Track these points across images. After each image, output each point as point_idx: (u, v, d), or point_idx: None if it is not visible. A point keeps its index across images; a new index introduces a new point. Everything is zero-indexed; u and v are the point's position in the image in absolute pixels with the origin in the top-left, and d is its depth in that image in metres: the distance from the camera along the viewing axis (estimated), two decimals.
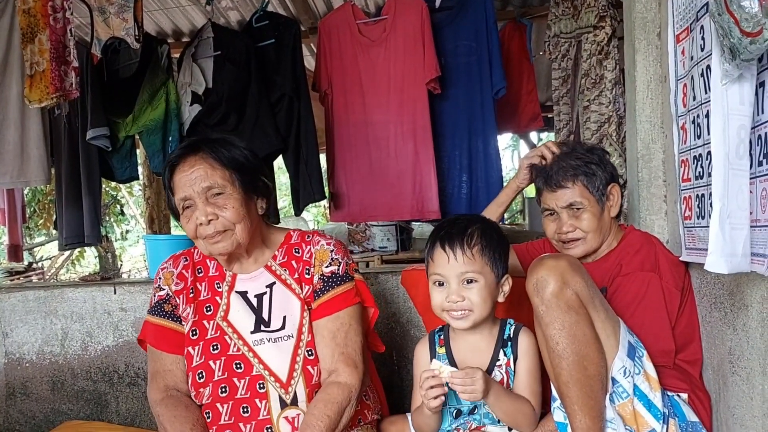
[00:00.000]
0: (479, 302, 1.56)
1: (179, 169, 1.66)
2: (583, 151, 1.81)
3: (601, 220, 1.79)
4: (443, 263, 1.57)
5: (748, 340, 1.44)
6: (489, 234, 1.60)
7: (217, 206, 1.63)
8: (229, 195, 1.64)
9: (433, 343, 1.71)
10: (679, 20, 1.65)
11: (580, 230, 1.78)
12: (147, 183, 5.62)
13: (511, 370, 1.63)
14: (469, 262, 1.55)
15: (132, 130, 3.20)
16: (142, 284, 2.77)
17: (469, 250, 1.56)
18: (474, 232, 1.58)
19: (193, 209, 1.64)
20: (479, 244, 1.57)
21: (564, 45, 3.19)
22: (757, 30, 1.03)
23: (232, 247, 1.67)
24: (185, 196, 1.64)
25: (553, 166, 1.81)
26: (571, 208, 1.78)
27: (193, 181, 1.63)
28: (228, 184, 1.65)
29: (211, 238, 1.65)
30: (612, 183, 1.80)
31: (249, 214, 1.68)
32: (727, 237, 1.22)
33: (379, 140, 3.26)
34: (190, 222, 1.65)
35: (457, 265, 1.56)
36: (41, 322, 2.81)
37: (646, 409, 1.53)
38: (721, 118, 1.22)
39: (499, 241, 1.61)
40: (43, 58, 2.70)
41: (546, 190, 1.82)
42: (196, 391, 1.69)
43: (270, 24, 3.23)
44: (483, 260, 1.57)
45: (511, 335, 1.65)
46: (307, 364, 1.68)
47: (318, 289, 1.73)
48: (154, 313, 1.77)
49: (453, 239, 1.57)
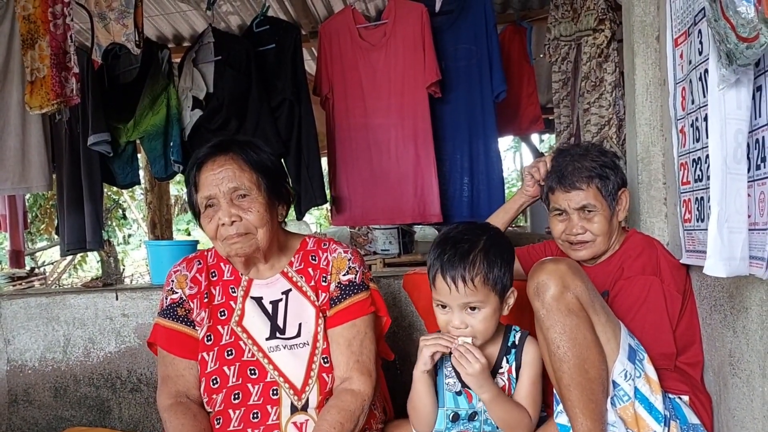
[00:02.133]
0: (483, 329, 1.55)
1: (207, 167, 1.65)
2: (597, 153, 1.80)
3: (611, 224, 1.78)
4: (445, 293, 1.55)
5: (747, 343, 1.44)
6: (492, 254, 1.54)
7: (241, 208, 1.63)
8: (255, 198, 1.64)
9: None
10: (677, 24, 1.66)
11: (590, 233, 1.77)
12: (149, 188, 5.63)
13: (513, 377, 1.62)
14: (471, 293, 1.52)
15: (133, 135, 3.21)
16: (144, 290, 2.78)
17: (471, 282, 1.51)
18: (476, 258, 1.52)
19: (216, 209, 1.63)
20: (482, 273, 1.52)
21: (564, 48, 3.19)
22: (754, 35, 1.04)
23: (251, 249, 1.66)
24: (210, 194, 1.63)
25: (567, 166, 1.78)
26: (583, 210, 1.77)
27: (220, 180, 1.62)
28: (254, 187, 1.64)
29: (230, 239, 1.63)
30: (623, 188, 1.80)
31: (272, 220, 1.68)
32: (725, 240, 1.23)
33: (380, 144, 3.26)
34: (211, 222, 1.64)
35: (459, 296, 1.53)
36: (43, 329, 2.81)
37: (648, 411, 1.53)
38: (718, 122, 1.22)
39: (503, 257, 1.57)
40: (44, 64, 2.71)
41: (559, 189, 1.79)
42: (209, 397, 1.69)
43: (270, 29, 3.24)
44: (486, 289, 1.53)
45: (516, 342, 1.64)
46: (323, 372, 1.68)
47: (335, 297, 1.73)
48: (166, 316, 1.75)
49: (455, 268, 1.52)
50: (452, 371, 1.63)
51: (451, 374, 1.63)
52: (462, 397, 1.64)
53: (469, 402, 1.63)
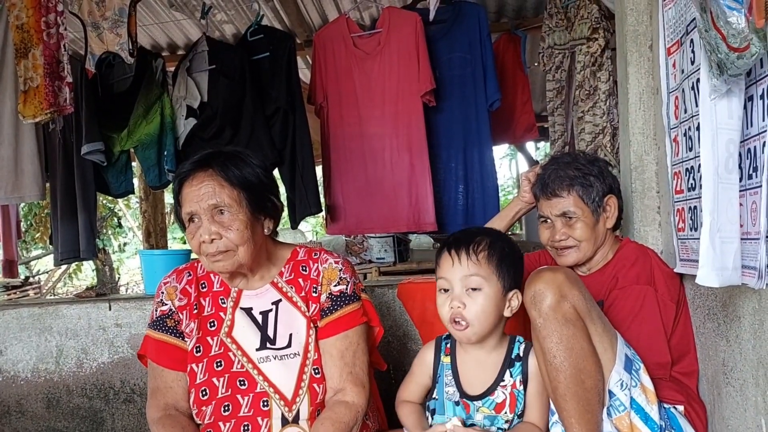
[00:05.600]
0: (479, 313, 1.53)
1: (187, 183, 1.65)
2: (583, 162, 1.81)
3: (595, 230, 1.79)
4: (448, 266, 1.56)
5: (741, 352, 1.44)
6: (499, 245, 1.58)
7: (222, 225, 1.61)
8: (236, 215, 1.62)
9: (439, 350, 1.69)
10: (669, 33, 1.66)
11: (572, 239, 1.79)
12: (143, 197, 5.62)
13: (518, 391, 1.59)
14: (473, 266, 1.53)
15: (127, 144, 3.20)
16: (137, 300, 2.77)
17: (475, 255, 1.54)
18: (483, 239, 1.57)
19: (198, 224, 1.63)
20: (486, 250, 1.55)
21: (558, 56, 3.20)
22: (744, 45, 1.04)
23: (233, 267, 1.66)
24: (191, 211, 1.63)
25: (551, 174, 1.81)
26: (564, 216, 1.79)
27: (200, 197, 1.61)
28: (235, 203, 1.62)
29: (212, 256, 1.63)
30: (609, 194, 1.80)
31: (254, 236, 1.65)
32: (717, 250, 1.22)
33: (374, 152, 3.26)
34: (194, 238, 1.64)
35: (461, 269, 1.54)
36: (36, 340, 2.80)
37: (643, 422, 1.52)
38: (710, 132, 1.22)
39: (509, 253, 1.59)
40: (37, 73, 2.70)
41: (542, 197, 1.84)
42: (198, 409, 1.67)
43: (265, 37, 3.24)
44: (489, 267, 1.54)
45: (520, 354, 1.61)
46: (314, 383, 1.67)
47: (326, 307, 1.72)
48: (156, 327, 1.74)
49: (459, 244, 1.56)
50: (452, 380, 1.62)
51: (451, 383, 1.62)
52: (460, 408, 1.63)
53: (466, 413, 1.62)
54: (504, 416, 1.58)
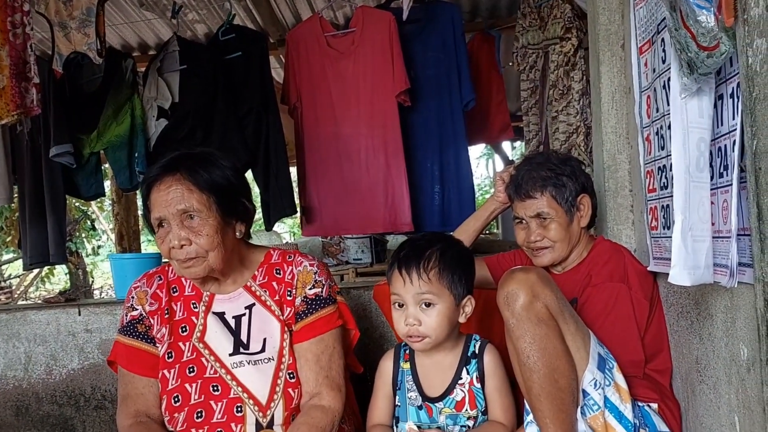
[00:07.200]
0: (435, 327, 1.56)
1: (155, 187, 1.61)
2: (556, 163, 1.82)
3: (570, 230, 1.80)
4: (400, 285, 1.57)
5: (714, 350, 1.45)
6: (449, 255, 1.59)
7: (192, 230, 1.58)
8: (205, 220, 1.59)
9: (398, 357, 1.71)
10: (641, 33, 1.67)
11: (547, 239, 1.80)
12: (116, 199, 5.53)
13: (476, 389, 1.62)
14: (425, 285, 1.55)
15: (97, 146, 3.14)
16: (107, 305, 2.71)
17: (425, 274, 1.55)
18: (432, 254, 1.57)
19: (168, 230, 1.59)
20: (436, 267, 1.56)
21: (532, 56, 3.21)
22: (714, 44, 1.04)
23: (205, 273, 1.63)
24: (160, 216, 1.59)
25: (524, 176, 1.81)
26: (538, 217, 1.80)
27: (168, 202, 1.57)
28: (204, 208, 1.59)
29: (183, 262, 1.60)
30: (583, 194, 1.81)
31: (224, 240, 1.62)
32: (689, 249, 1.23)
33: (350, 153, 3.24)
34: (164, 243, 1.60)
35: (413, 288, 1.55)
36: (3, 346, 2.73)
37: (617, 420, 1.53)
38: (680, 131, 1.22)
39: (460, 262, 1.60)
40: (3, 74, 2.63)
41: (516, 198, 1.84)
42: (171, 416, 1.64)
43: (237, 37, 3.20)
44: (440, 283, 1.56)
45: (476, 351, 1.64)
46: (288, 387, 1.64)
47: (301, 311, 1.69)
48: (126, 333, 1.71)
49: (410, 262, 1.56)
50: (414, 386, 1.63)
51: (413, 388, 1.63)
52: (423, 411, 1.63)
53: (429, 416, 1.62)
54: (465, 414, 1.61)
